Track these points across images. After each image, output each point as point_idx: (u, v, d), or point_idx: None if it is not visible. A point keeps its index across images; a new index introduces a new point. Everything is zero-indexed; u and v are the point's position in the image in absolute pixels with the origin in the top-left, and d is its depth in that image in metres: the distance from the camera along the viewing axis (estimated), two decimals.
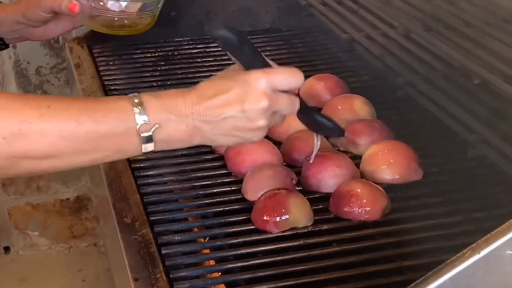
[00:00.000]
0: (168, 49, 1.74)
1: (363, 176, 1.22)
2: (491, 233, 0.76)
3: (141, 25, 1.37)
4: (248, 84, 0.92)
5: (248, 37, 0.97)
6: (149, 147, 0.91)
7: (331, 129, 1.10)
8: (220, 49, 1.74)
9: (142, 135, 0.90)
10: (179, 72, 1.62)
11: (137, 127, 0.89)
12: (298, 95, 0.98)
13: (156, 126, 0.90)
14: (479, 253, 0.76)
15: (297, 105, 0.97)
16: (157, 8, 1.37)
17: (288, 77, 0.94)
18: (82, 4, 1.29)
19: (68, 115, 0.88)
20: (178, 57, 1.69)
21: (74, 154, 0.90)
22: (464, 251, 0.77)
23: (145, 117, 0.89)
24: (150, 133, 0.90)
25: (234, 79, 0.93)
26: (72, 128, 0.88)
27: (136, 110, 0.89)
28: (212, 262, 1.07)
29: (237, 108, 0.92)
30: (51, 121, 0.87)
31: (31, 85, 2.33)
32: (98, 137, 0.89)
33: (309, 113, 1.07)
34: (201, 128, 0.92)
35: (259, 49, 1.68)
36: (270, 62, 0.97)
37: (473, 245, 0.77)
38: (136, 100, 0.90)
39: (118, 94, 1.50)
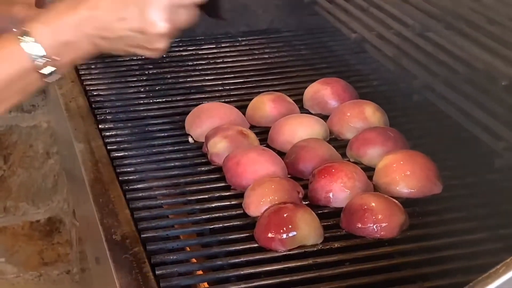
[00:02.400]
0: None
1: (376, 189, 1.22)
2: None
3: None
4: (145, 4, 0.97)
5: None
6: (53, 77, 0.98)
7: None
8: (213, 51, 1.75)
9: (42, 71, 0.96)
10: (168, 76, 1.63)
11: (36, 65, 0.95)
12: None
13: (56, 58, 0.95)
14: None
15: (196, 16, 1.03)
16: None
17: None
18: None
19: None
20: (167, 59, 1.70)
21: None
22: (498, 267, 0.77)
23: (40, 52, 0.95)
24: (51, 68, 0.96)
25: None
26: None
27: (28, 46, 0.94)
28: (211, 284, 1.07)
29: (135, 27, 0.98)
30: None
31: None
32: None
33: None
34: (98, 44, 0.99)
35: (255, 52, 1.71)
36: None
37: (508, 260, 0.77)
38: (25, 40, 0.95)
39: (102, 100, 1.52)
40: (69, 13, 0.97)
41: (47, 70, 0.96)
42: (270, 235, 1.10)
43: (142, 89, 1.57)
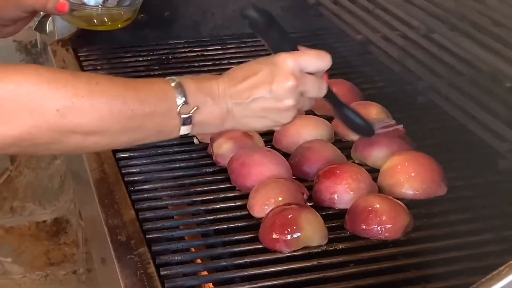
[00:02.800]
0: (162, 52, 1.75)
1: (381, 190, 1.22)
2: None
3: (120, 20, 1.45)
4: (275, 66, 1.02)
5: (277, 20, 1.06)
6: (187, 129, 1.01)
7: (360, 127, 1.16)
8: (219, 52, 1.76)
9: (182, 116, 1.00)
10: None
11: (178, 108, 0.99)
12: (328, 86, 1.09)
13: (195, 108, 1.00)
14: None
15: (324, 88, 1.08)
16: (136, 2, 1.45)
17: (315, 59, 1.06)
18: None
19: (117, 93, 0.98)
20: (173, 61, 1.71)
21: (119, 132, 0.99)
22: (501, 268, 0.77)
23: (184, 99, 0.99)
24: (189, 114, 1.00)
25: (263, 62, 1.04)
26: (120, 105, 0.97)
27: (176, 91, 1.00)
28: (216, 285, 1.07)
29: (265, 89, 1.02)
30: (102, 96, 0.96)
31: None
32: (143, 116, 0.98)
33: (340, 106, 1.16)
34: (232, 111, 1.03)
35: (261, 53, 1.71)
36: (299, 46, 1.06)
37: (511, 262, 0.77)
38: (174, 83, 1.00)
39: None
40: (212, 81, 1.04)
41: (185, 115, 1.00)
42: (274, 236, 1.10)
43: None
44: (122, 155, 1.34)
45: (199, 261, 1.11)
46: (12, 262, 2.49)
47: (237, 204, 1.21)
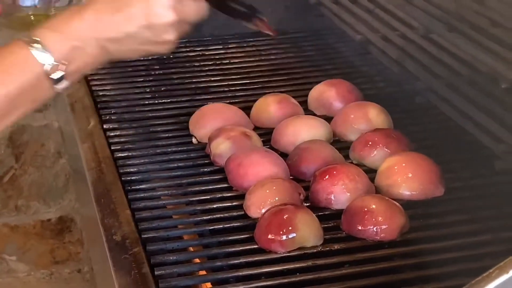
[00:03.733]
0: None
1: (378, 191, 1.22)
2: None
3: None
4: None
5: None
6: (63, 84, 0.96)
7: (244, 14, 1.17)
8: (220, 51, 1.75)
9: (53, 77, 0.94)
10: (174, 77, 1.63)
11: (46, 72, 0.93)
12: None
13: (64, 63, 0.94)
14: (508, 273, 0.76)
15: (203, 10, 1.04)
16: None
17: None
18: None
19: None
20: (174, 60, 1.70)
21: None
22: (491, 270, 0.77)
23: (49, 58, 0.93)
24: (61, 73, 0.95)
25: None
26: None
27: (37, 54, 0.93)
28: (210, 285, 1.07)
29: (142, 23, 0.96)
30: None
31: None
32: (12, 98, 0.93)
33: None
34: (107, 48, 0.97)
35: (262, 53, 1.71)
36: None
37: (501, 263, 0.77)
38: (33, 44, 0.93)
39: (108, 101, 1.52)
40: (75, 19, 0.96)
41: (56, 75, 0.94)
42: (269, 236, 1.09)
43: (148, 90, 1.57)
44: (120, 155, 1.33)
45: (196, 260, 1.11)
46: (17, 261, 2.50)
47: (233, 204, 1.21)
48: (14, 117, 0.96)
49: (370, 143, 1.30)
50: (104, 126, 1.42)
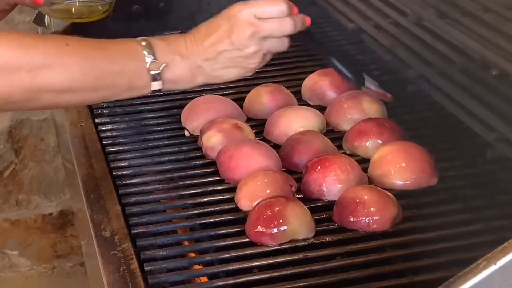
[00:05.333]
0: None
1: (371, 181, 1.21)
2: (509, 241, 0.76)
3: (98, 13, 1.49)
4: (233, 18, 1.13)
5: None
6: (158, 85, 1.11)
7: (348, 78, 1.27)
8: None
9: (151, 72, 1.09)
10: None
11: (147, 65, 1.09)
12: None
13: (164, 64, 1.10)
14: (495, 264, 0.75)
15: (287, 25, 1.15)
16: None
17: (267, 3, 1.14)
18: None
19: (86, 52, 1.07)
20: None
21: (90, 89, 1.07)
22: (478, 261, 0.76)
23: (153, 57, 1.09)
24: (159, 71, 1.10)
25: (222, 16, 1.15)
26: (90, 64, 1.06)
27: (145, 50, 1.09)
28: (201, 280, 1.06)
29: (227, 41, 1.13)
30: (72, 57, 1.05)
31: None
32: (113, 74, 1.08)
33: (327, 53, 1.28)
34: (202, 66, 1.14)
35: None
36: None
37: (489, 254, 0.76)
38: (144, 43, 1.10)
39: None
40: (180, 40, 1.14)
41: (154, 72, 1.09)
42: (260, 229, 1.09)
43: None
44: (111, 149, 1.33)
45: (185, 255, 1.10)
46: (19, 255, 2.50)
47: (225, 197, 1.20)
48: (106, 93, 1.10)
49: (363, 132, 1.29)
50: (96, 121, 1.42)
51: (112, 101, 1.48)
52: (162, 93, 1.51)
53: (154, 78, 1.10)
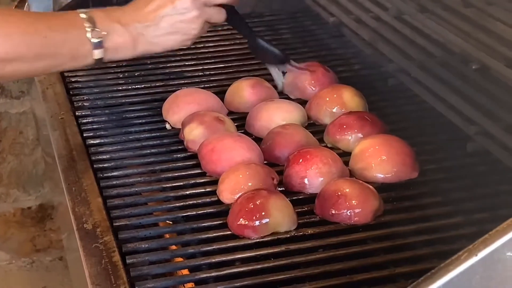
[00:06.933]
0: None
1: (352, 174, 1.22)
2: (490, 233, 0.76)
3: None
4: None
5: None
6: (99, 53, 1.16)
7: (274, 55, 1.35)
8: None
9: (92, 41, 1.14)
10: (148, 62, 1.61)
11: (88, 34, 1.14)
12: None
13: (104, 33, 1.15)
14: (476, 255, 0.76)
15: (223, 16, 1.25)
16: None
17: None
18: None
19: (29, 22, 1.11)
20: None
21: (34, 58, 1.11)
22: (460, 253, 0.77)
23: (93, 26, 1.14)
24: (100, 39, 1.15)
25: None
26: (32, 33, 1.10)
27: (86, 20, 1.14)
28: (183, 272, 1.06)
29: (170, 5, 1.18)
30: (15, 26, 1.10)
31: None
32: (55, 43, 1.12)
33: (251, 35, 1.36)
34: (143, 33, 1.18)
35: (237, 36, 1.70)
36: None
37: (470, 246, 0.77)
38: (84, 14, 1.15)
39: (80, 87, 1.51)
40: (117, 10, 1.19)
41: (95, 40, 1.14)
42: (242, 222, 1.09)
43: (121, 75, 1.56)
44: (92, 142, 1.32)
45: (167, 248, 1.10)
46: None
47: (207, 190, 1.20)
48: (51, 63, 1.14)
49: (344, 126, 1.29)
50: (76, 113, 1.41)
51: (92, 93, 1.48)
52: (143, 86, 1.51)
53: (96, 46, 1.14)
